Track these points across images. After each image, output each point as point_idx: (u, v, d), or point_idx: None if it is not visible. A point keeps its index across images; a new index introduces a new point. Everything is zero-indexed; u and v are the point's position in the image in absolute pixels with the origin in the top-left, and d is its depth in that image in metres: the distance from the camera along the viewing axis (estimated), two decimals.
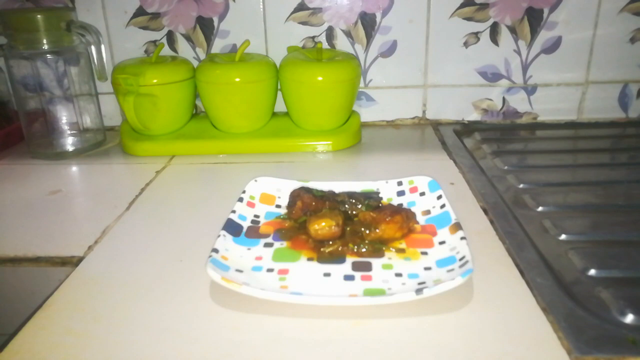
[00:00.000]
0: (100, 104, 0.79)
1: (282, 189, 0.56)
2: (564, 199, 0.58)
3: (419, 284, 0.41)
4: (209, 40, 0.80)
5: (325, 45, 0.79)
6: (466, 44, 0.79)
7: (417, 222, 0.50)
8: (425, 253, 0.45)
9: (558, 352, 0.34)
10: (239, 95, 0.71)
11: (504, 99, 0.82)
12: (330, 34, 0.79)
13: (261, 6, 0.78)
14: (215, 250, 0.44)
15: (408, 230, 0.48)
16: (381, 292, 0.40)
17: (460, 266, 0.41)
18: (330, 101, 0.72)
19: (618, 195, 0.58)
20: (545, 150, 0.74)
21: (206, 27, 0.80)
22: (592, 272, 0.43)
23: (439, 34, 0.79)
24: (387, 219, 0.47)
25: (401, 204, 0.53)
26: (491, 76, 0.81)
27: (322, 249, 0.46)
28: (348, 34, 0.79)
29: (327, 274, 0.43)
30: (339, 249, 0.46)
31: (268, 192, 0.55)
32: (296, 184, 0.56)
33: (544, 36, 0.78)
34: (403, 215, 0.48)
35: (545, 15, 0.77)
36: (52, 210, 0.58)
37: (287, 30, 0.79)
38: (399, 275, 0.43)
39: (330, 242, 0.46)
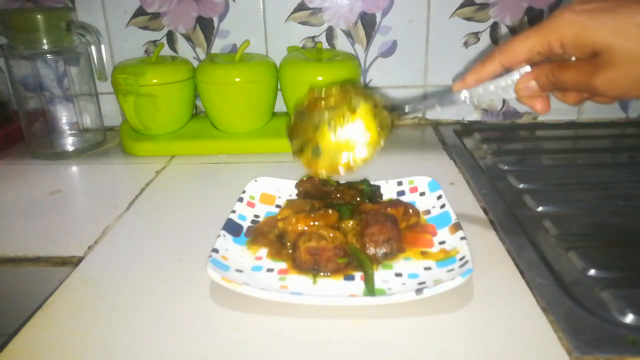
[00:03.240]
0: (100, 104, 0.79)
1: (282, 189, 0.56)
2: (564, 199, 0.58)
3: (419, 284, 0.41)
4: (209, 40, 0.80)
5: (325, 45, 0.79)
6: (466, 44, 0.79)
7: (417, 217, 0.50)
8: (425, 253, 0.45)
9: (558, 352, 0.34)
10: (239, 95, 0.71)
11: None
12: (330, 34, 0.79)
13: (261, 6, 0.78)
14: (215, 250, 0.44)
15: (407, 225, 0.48)
16: (381, 292, 0.40)
17: (460, 266, 0.41)
18: None
19: (618, 195, 0.58)
20: (545, 150, 0.74)
21: (206, 27, 0.80)
22: (592, 272, 0.43)
23: (439, 34, 0.79)
24: (388, 209, 0.47)
25: None
26: None
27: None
28: (348, 34, 0.79)
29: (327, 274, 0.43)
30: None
31: (268, 192, 0.55)
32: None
33: None
34: (400, 210, 0.48)
35: (545, 15, 0.77)
36: (52, 210, 0.58)
37: (287, 30, 0.79)
38: (399, 275, 0.43)
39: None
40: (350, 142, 0.46)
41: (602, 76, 0.34)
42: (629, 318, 0.38)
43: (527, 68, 0.39)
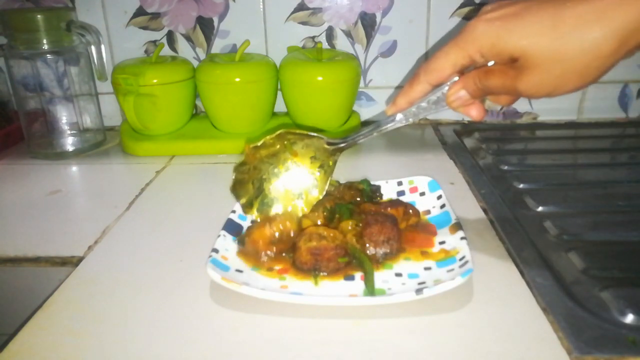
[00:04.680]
0: (100, 104, 0.79)
1: None
2: (564, 199, 0.58)
3: (419, 284, 0.41)
4: (209, 40, 0.80)
5: (325, 45, 0.79)
6: None
7: (417, 217, 0.50)
8: (425, 253, 0.45)
9: (558, 352, 0.34)
10: (239, 95, 0.71)
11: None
12: (330, 34, 0.79)
13: (261, 6, 0.78)
14: (215, 250, 0.44)
15: (407, 225, 0.48)
16: (381, 292, 0.40)
17: (460, 266, 0.41)
18: (330, 101, 0.72)
19: (618, 195, 0.58)
20: (545, 150, 0.74)
21: (206, 27, 0.80)
22: (592, 272, 0.43)
23: (439, 34, 0.79)
24: (388, 209, 0.47)
25: None
26: None
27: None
28: (348, 34, 0.79)
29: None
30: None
31: None
32: None
33: None
34: (400, 210, 0.48)
35: None
36: (52, 210, 0.58)
37: (287, 30, 0.79)
38: (399, 275, 0.43)
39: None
40: (297, 186, 0.47)
41: (524, 80, 0.35)
42: (629, 318, 0.38)
43: (455, 78, 0.40)
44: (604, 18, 0.32)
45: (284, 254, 0.45)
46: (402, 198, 0.54)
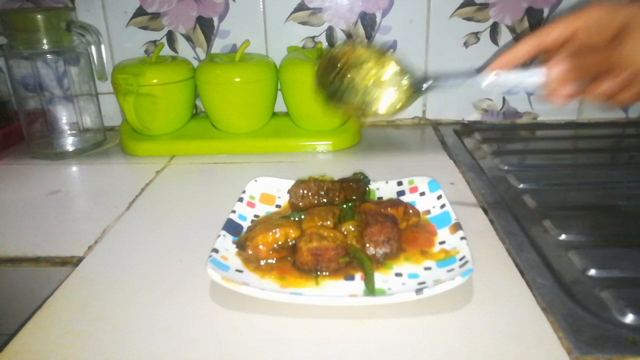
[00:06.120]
0: (100, 104, 0.79)
1: (282, 189, 0.56)
2: (564, 199, 0.58)
3: (419, 284, 0.41)
4: (209, 40, 0.80)
5: (325, 45, 0.79)
6: (466, 44, 0.79)
7: (417, 217, 0.50)
8: (425, 253, 0.45)
9: (558, 352, 0.34)
10: (239, 95, 0.71)
11: (504, 99, 0.82)
12: (330, 34, 0.79)
13: (261, 6, 0.78)
14: (215, 250, 0.44)
15: (407, 225, 0.48)
16: (381, 292, 0.40)
17: (460, 266, 0.41)
18: None
19: (618, 195, 0.58)
20: (545, 150, 0.74)
21: (206, 27, 0.80)
22: (592, 272, 0.43)
23: (439, 34, 0.79)
24: (388, 209, 0.48)
25: None
26: None
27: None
28: (348, 34, 0.79)
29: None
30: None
31: (268, 192, 0.55)
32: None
33: None
34: (400, 210, 0.48)
35: (545, 14, 0.77)
36: (52, 210, 0.58)
37: (287, 30, 0.79)
38: (399, 275, 0.43)
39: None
40: (382, 87, 0.48)
41: (625, 47, 0.38)
42: (629, 318, 0.38)
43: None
44: None
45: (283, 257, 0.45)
46: (402, 198, 0.54)
